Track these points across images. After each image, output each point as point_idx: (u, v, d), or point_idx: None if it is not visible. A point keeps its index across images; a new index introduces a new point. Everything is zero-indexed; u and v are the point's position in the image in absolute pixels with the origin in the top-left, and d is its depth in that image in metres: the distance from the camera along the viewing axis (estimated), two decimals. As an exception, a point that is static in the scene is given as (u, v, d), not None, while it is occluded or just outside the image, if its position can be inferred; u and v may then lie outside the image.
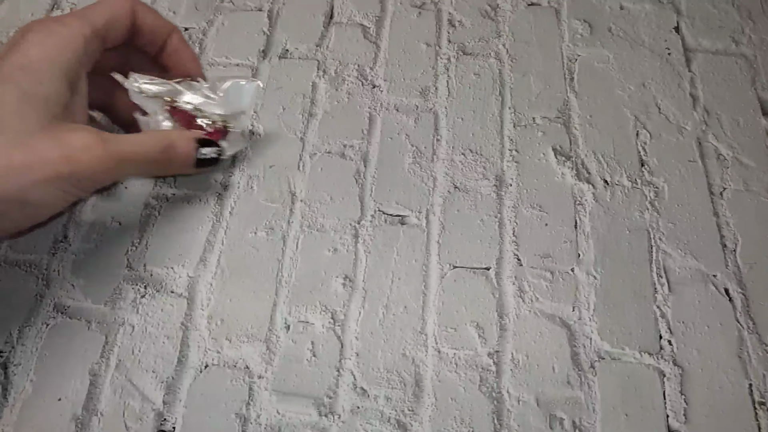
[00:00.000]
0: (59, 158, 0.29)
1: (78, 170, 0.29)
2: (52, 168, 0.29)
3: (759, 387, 0.34)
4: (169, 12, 0.51)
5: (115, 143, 0.31)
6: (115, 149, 0.31)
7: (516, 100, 0.45)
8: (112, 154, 0.31)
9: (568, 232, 0.40)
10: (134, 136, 0.34)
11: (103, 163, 0.30)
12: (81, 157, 0.30)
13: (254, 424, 0.34)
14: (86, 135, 0.30)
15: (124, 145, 0.32)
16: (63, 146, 0.29)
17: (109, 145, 0.31)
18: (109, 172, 0.31)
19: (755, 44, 0.48)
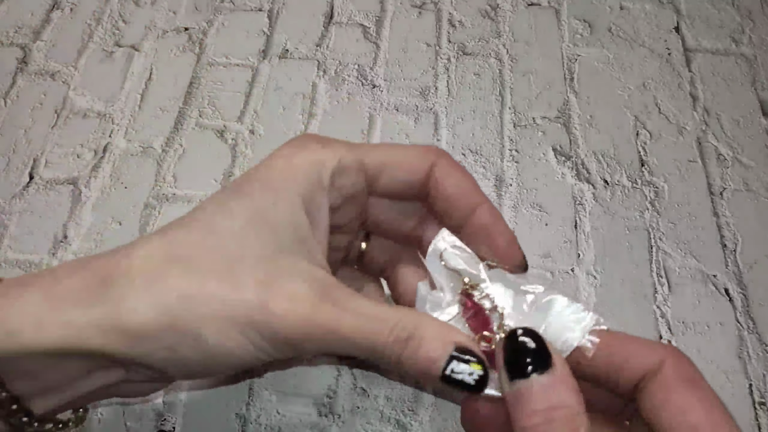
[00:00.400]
0: (256, 301, 0.23)
1: (272, 325, 0.23)
2: (243, 309, 0.22)
3: (759, 387, 0.34)
4: (169, 12, 0.51)
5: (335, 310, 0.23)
6: (329, 317, 0.23)
7: (516, 100, 0.45)
8: (323, 322, 0.23)
9: (568, 232, 0.40)
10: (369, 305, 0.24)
11: (306, 327, 0.23)
12: (281, 310, 0.23)
13: (254, 424, 0.34)
14: (301, 286, 0.23)
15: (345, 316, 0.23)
16: (267, 289, 0.23)
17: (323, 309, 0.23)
18: (313, 341, 0.23)
19: (755, 44, 0.48)
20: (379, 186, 0.27)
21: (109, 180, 0.42)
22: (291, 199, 0.24)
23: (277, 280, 0.23)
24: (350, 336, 0.23)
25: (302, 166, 0.25)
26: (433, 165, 0.26)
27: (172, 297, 0.22)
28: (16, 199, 0.41)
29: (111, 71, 0.47)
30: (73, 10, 0.51)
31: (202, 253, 0.23)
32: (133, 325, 0.22)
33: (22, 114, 0.45)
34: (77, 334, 0.22)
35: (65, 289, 0.23)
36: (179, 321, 0.22)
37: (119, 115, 0.45)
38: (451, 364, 0.22)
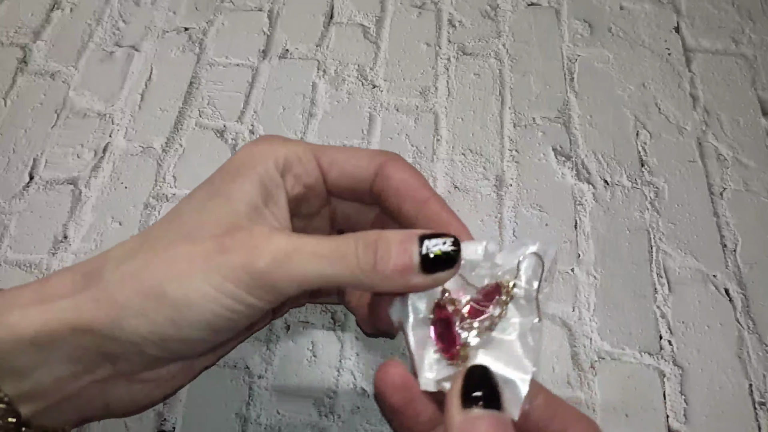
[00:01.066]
0: (213, 247, 0.23)
1: (232, 261, 0.23)
2: (201, 256, 0.23)
3: (759, 387, 0.34)
4: (169, 12, 0.51)
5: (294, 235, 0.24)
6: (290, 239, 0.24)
7: (516, 100, 0.45)
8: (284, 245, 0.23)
9: (568, 232, 0.40)
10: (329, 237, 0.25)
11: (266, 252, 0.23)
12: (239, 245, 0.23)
13: (254, 424, 0.34)
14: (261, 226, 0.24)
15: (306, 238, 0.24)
16: (225, 237, 0.24)
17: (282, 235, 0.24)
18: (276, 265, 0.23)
19: (755, 44, 0.48)
20: (331, 180, 0.28)
21: (109, 180, 0.42)
22: (247, 178, 0.26)
23: (237, 230, 0.24)
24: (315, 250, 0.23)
25: (259, 153, 0.27)
26: (382, 163, 0.28)
27: (138, 265, 0.24)
28: (16, 199, 0.41)
29: (111, 71, 0.47)
30: (73, 10, 0.51)
31: (167, 232, 0.25)
32: (105, 298, 0.23)
33: (22, 114, 0.45)
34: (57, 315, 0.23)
35: (52, 286, 0.24)
36: (143, 283, 0.23)
37: (119, 115, 0.45)
38: (425, 243, 0.23)
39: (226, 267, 0.23)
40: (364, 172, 0.28)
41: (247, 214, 0.25)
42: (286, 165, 0.27)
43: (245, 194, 0.25)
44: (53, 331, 0.23)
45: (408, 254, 0.23)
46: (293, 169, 0.27)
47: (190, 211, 0.25)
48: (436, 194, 0.28)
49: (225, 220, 0.24)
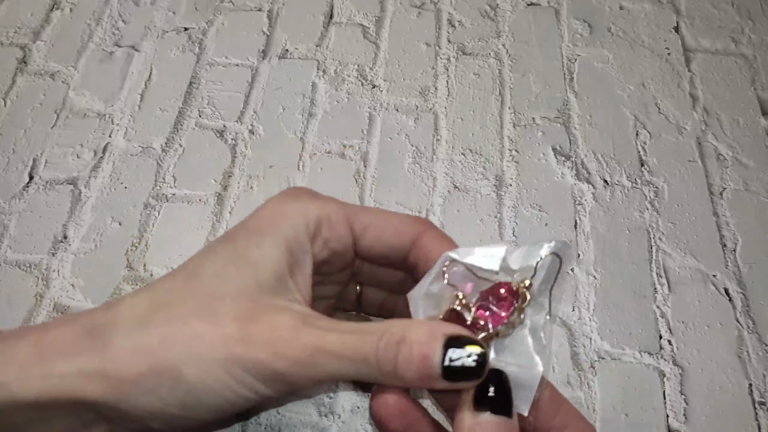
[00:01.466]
0: (235, 334, 0.22)
1: (254, 356, 0.22)
2: (222, 343, 0.22)
3: (759, 387, 0.34)
4: (169, 12, 0.51)
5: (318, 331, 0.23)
6: (314, 336, 0.22)
7: (516, 100, 0.45)
8: (307, 343, 0.22)
9: (568, 232, 0.40)
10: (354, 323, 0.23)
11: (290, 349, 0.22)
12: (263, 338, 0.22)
13: (254, 424, 0.34)
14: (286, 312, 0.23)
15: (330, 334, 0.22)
16: (247, 323, 0.22)
17: (307, 331, 0.22)
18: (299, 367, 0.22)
19: (755, 44, 0.48)
20: (363, 245, 0.27)
21: (109, 180, 0.42)
22: (274, 241, 0.24)
23: (257, 314, 0.23)
24: (337, 350, 0.22)
25: (289, 213, 0.25)
26: (420, 233, 0.26)
27: (153, 340, 0.22)
28: (16, 199, 0.41)
29: (111, 71, 0.47)
30: (73, 10, 0.51)
31: (185, 296, 0.23)
32: (114, 371, 0.22)
33: (22, 114, 0.45)
34: (60, 383, 0.22)
35: (53, 340, 0.23)
36: (159, 362, 0.22)
37: (119, 115, 0.45)
38: (448, 353, 0.22)
39: (248, 360, 0.22)
40: (402, 242, 0.27)
41: (272, 286, 0.24)
42: (317, 228, 0.25)
43: (272, 262, 0.24)
44: (55, 399, 0.22)
45: (429, 365, 0.22)
46: (323, 233, 0.26)
47: (210, 275, 0.24)
48: None
49: (248, 293, 0.23)
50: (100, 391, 0.22)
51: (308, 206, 0.25)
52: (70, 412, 0.23)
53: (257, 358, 0.22)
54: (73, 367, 0.22)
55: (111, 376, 0.22)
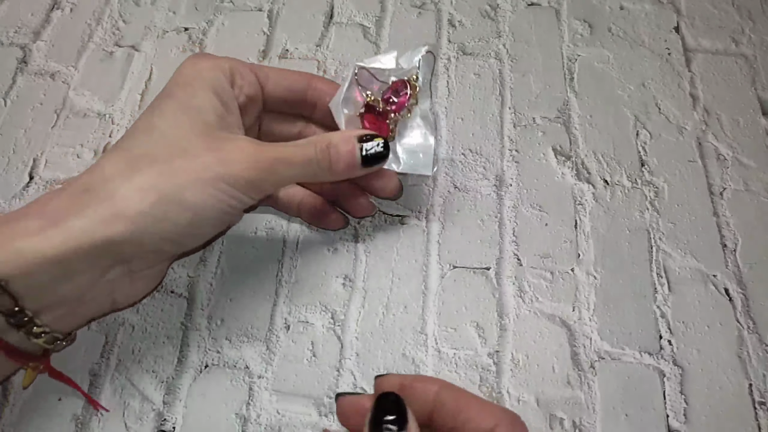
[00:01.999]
0: (213, 160, 0.29)
1: (232, 171, 0.29)
2: (207, 168, 0.29)
3: (759, 387, 0.34)
4: (169, 12, 0.51)
5: (274, 147, 0.31)
6: (270, 150, 0.31)
7: (516, 100, 0.45)
8: (268, 156, 0.30)
9: (568, 232, 0.40)
10: (292, 143, 0.32)
11: (257, 163, 0.30)
12: (234, 158, 0.29)
13: (254, 424, 0.34)
14: (240, 140, 0.31)
15: (283, 148, 0.31)
16: (217, 149, 0.29)
17: (263, 148, 0.30)
18: (265, 173, 0.30)
19: (755, 44, 0.48)
20: (268, 90, 0.34)
21: (109, 180, 0.42)
22: (204, 90, 0.31)
23: (220, 144, 0.30)
24: (289, 158, 0.31)
25: (206, 67, 0.31)
26: (311, 78, 0.35)
27: (152, 178, 0.28)
28: (16, 199, 0.41)
29: (111, 71, 0.47)
30: (73, 10, 0.51)
31: (154, 147, 0.29)
32: (129, 209, 0.27)
33: (22, 114, 0.45)
34: (81, 234, 0.26)
35: (55, 208, 0.27)
36: (164, 192, 0.28)
37: (119, 115, 0.45)
38: (364, 146, 0.32)
39: (228, 176, 0.29)
40: (297, 85, 0.35)
41: (218, 124, 0.30)
42: (232, 76, 0.32)
43: (210, 106, 0.31)
44: (76, 250, 0.26)
45: (353, 156, 0.32)
46: (237, 81, 0.32)
47: (167, 127, 0.30)
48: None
49: (203, 132, 0.30)
50: (123, 229, 0.27)
51: (219, 61, 0.32)
52: (91, 262, 0.27)
53: (234, 172, 0.29)
54: (89, 219, 0.27)
55: (128, 215, 0.27)
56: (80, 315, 0.31)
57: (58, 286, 0.27)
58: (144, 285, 0.33)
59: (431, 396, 0.26)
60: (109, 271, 0.29)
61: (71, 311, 0.29)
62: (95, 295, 0.30)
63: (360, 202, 0.37)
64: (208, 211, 0.29)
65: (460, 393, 0.26)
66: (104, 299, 0.31)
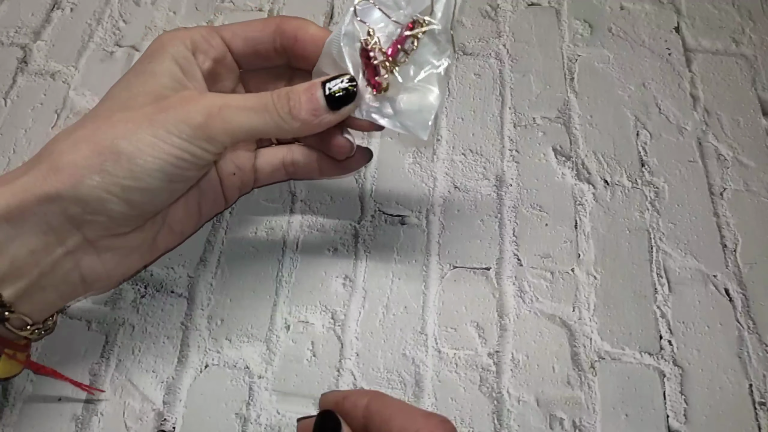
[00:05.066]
0: (153, 109, 0.27)
1: (173, 117, 0.27)
2: (145, 116, 0.27)
3: (759, 387, 0.34)
4: (169, 12, 0.51)
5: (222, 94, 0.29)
6: (218, 96, 0.28)
7: (516, 100, 0.45)
8: (214, 102, 0.28)
9: (568, 232, 0.40)
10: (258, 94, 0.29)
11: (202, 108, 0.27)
12: (176, 104, 0.27)
13: (254, 424, 0.34)
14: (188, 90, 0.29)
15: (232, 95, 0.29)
16: (161, 100, 0.28)
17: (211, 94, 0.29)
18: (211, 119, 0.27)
19: (755, 44, 0.48)
20: (236, 48, 0.32)
21: (109, 180, 0.42)
22: (162, 58, 0.30)
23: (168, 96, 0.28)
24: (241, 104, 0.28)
25: (167, 39, 0.30)
26: (278, 23, 0.32)
27: (87, 132, 0.27)
28: (17, 199, 0.41)
29: (111, 71, 0.47)
30: (73, 10, 0.51)
31: (102, 108, 0.29)
32: (62, 163, 0.26)
33: (22, 114, 0.45)
34: (22, 190, 0.26)
35: (12, 173, 0.27)
36: (98, 144, 0.27)
37: (119, 115, 0.45)
38: (327, 85, 0.29)
39: (168, 122, 0.27)
40: (263, 33, 0.32)
41: (172, 86, 0.29)
42: (194, 45, 0.31)
43: (166, 70, 0.29)
44: (22, 203, 0.26)
45: (315, 97, 0.28)
46: (200, 47, 0.31)
47: (119, 90, 0.29)
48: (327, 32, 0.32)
49: (156, 91, 0.28)
50: (58, 183, 0.26)
51: (181, 32, 0.31)
52: (39, 221, 0.27)
53: (175, 116, 0.27)
54: (30, 176, 0.26)
55: (62, 168, 0.26)
56: (47, 291, 0.29)
57: (11, 246, 0.26)
58: (115, 262, 0.31)
59: (361, 410, 0.26)
60: (66, 238, 0.28)
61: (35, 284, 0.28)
62: (57, 267, 0.28)
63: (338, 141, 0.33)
64: (148, 161, 0.27)
65: (388, 402, 0.26)
66: (71, 275, 0.29)
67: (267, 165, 0.37)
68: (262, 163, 0.37)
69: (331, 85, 0.29)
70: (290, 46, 0.32)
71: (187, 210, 0.34)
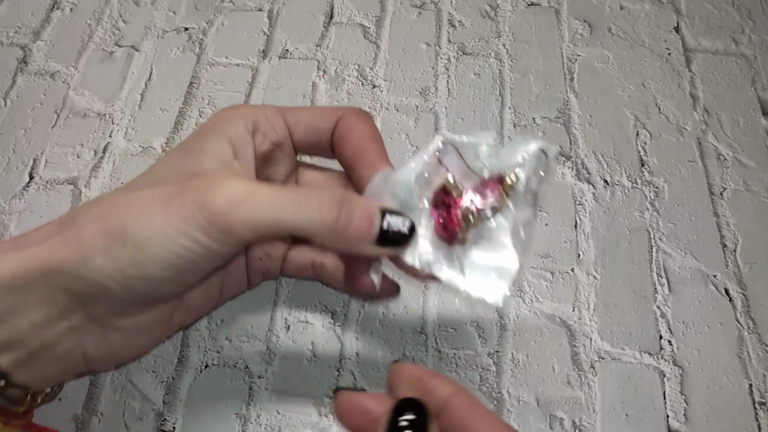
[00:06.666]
0: (174, 189, 0.24)
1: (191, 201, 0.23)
2: (163, 197, 0.24)
3: (759, 387, 0.34)
4: (169, 12, 0.51)
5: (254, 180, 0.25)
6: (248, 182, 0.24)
7: (516, 100, 0.45)
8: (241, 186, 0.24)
9: (568, 232, 0.40)
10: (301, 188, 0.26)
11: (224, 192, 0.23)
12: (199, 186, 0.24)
13: (254, 424, 0.34)
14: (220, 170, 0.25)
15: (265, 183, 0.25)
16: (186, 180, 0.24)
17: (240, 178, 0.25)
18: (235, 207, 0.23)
19: (755, 44, 0.48)
20: (297, 135, 0.30)
21: (109, 180, 0.42)
22: (216, 136, 0.27)
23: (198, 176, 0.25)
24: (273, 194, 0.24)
25: (228, 116, 0.28)
26: (342, 116, 0.29)
27: (104, 207, 0.25)
28: (16, 199, 0.41)
29: (111, 71, 0.47)
30: (73, 10, 0.51)
31: (138, 181, 0.27)
32: (72, 237, 0.24)
33: (22, 114, 0.45)
34: (30, 259, 0.24)
35: (29, 236, 0.25)
36: (108, 223, 0.24)
37: (119, 115, 0.45)
38: (386, 218, 0.24)
39: (184, 208, 0.23)
40: (325, 124, 0.29)
41: (213, 166, 0.26)
42: (255, 125, 0.28)
43: (216, 151, 0.27)
44: (27, 274, 0.24)
45: (371, 223, 0.24)
46: (261, 128, 0.29)
47: (162, 167, 0.27)
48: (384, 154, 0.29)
49: (192, 171, 0.26)
50: (63, 259, 0.24)
51: (245, 109, 0.29)
52: (43, 294, 0.24)
53: (192, 201, 0.23)
54: (42, 246, 0.24)
55: (70, 242, 0.24)
56: (46, 363, 0.26)
57: (11, 317, 0.24)
58: (122, 342, 0.28)
59: (444, 397, 0.23)
60: (70, 314, 0.26)
61: (34, 356, 0.26)
62: (59, 342, 0.26)
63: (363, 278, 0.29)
64: (154, 250, 0.24)
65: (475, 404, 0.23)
66: (73, 351, 0.27)
67: (297, 259, 0.33)
68: (293, 255, 0.33)
69: (391, 221, 0.25)
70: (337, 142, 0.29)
71: (209, 291, 0.32)
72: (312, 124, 0.30)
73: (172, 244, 0.23)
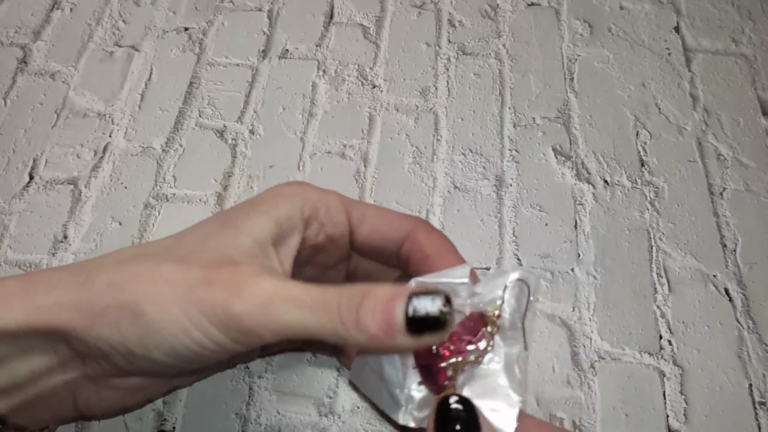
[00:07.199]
0: (199, 276, 0.23)
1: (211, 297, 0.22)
2: (184, 285, 0.22)
3: (759, 387, 0.34)
4: (169, 12, 0.51)
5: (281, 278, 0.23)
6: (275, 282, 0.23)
7: (516, 100, 0.45)
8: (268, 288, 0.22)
9: (568, 232, 0.40)
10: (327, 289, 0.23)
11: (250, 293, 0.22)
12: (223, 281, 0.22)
13: (254, 424, 0.34)
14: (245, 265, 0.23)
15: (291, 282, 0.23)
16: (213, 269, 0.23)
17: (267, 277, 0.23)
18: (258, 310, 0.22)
19: (755, 44, 0.48)
20: (359, 235, 0.27)
21: (109, 180, 0.42)
22: (264, 214, 0.25)
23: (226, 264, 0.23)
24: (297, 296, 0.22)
25: (287, 194, 0.26)
26: (415, 227, 0.27)
27: (124, 277, 0.23)
28: (16, 199, 0.41)
29: (111, 71, 0.47)
30: (73, 10, 0.51)
31: (167, 248, 0.25)
32: (85, 302, 0.23)
33: (22, 114, 0.45)
34: (37, 312, 0.23)
35: (41, 278, 0.24)
36: (124, 296, 0.23)
37: (119, 115, 0.45)
38: (412, 301, 0.21)
39: (206, 302, 0.22)
40: (396, 233, 0.27)
41: (250, 249, 0.24)
42: (312, 212, 0.26)
43: (256, 230, 0.25)
44: (33, 325, 0.23)
45: (392, 313, 0.21)
46: (319, 217, 0.27)
47: (197, 235, 0.25)
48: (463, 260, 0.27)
49: (224, 250, 0.24)
50: (71, 321, 0.23)
51: (308, 192, 0.26)
52: (46, 345, 0.24)
53: (215, 299, 0.22)
54: (52, 299, 0.23)
55: (82, 307, 0.23)
56: (39, 410, 0.26)
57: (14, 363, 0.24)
58: (115, 400, 0.27)
59: None
60: (69, 368, 0.25)
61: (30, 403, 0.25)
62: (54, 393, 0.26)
63: None
64: (164, 336, 0.23)
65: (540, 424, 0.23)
66: (66, 402, 0.27)
67: None
68: None
69: (417, 303, 0.21)
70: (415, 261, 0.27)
71: None
72: (380, 230, 0.27)
73: (185, 337, 0.22)
